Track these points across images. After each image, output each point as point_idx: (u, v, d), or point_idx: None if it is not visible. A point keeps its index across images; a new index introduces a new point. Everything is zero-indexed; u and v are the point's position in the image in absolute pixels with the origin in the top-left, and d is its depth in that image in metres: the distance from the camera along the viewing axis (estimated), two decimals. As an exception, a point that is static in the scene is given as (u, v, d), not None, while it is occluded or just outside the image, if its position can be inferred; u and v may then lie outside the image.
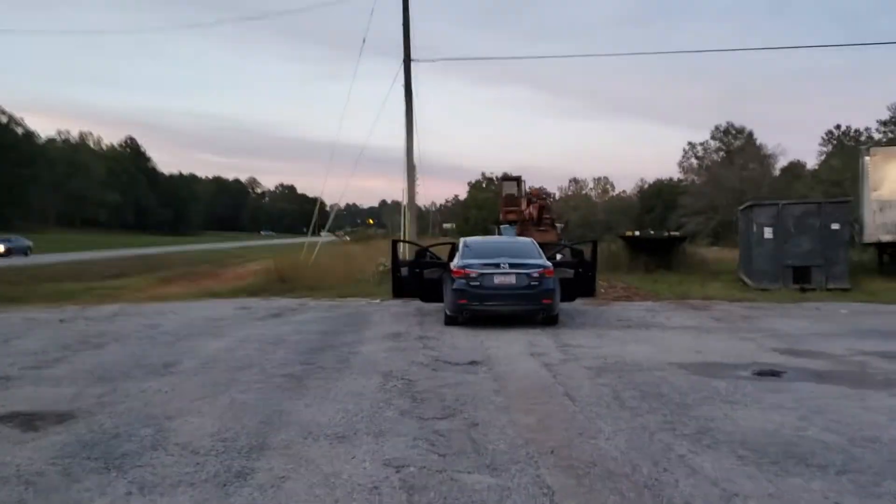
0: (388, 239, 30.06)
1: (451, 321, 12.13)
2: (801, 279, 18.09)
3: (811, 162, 75.07)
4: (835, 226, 18.20)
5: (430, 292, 13.18)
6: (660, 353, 9.21)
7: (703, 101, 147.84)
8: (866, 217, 20.54)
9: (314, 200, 48.88)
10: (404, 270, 13.43)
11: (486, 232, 64.55)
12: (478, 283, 11.65)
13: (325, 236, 27.15)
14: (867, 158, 21.10)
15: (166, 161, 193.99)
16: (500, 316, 12.10)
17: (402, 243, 20.18)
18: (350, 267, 22.00)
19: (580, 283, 13.02)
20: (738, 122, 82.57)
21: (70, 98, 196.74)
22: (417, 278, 13.17)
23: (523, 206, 32.68)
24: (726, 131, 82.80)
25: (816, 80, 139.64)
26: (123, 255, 50.45)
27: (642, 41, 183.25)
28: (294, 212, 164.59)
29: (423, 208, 72.30)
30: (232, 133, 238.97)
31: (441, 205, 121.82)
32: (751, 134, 79.30)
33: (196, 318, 13.91)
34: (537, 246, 13.06)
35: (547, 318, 12.00)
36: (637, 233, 24.70)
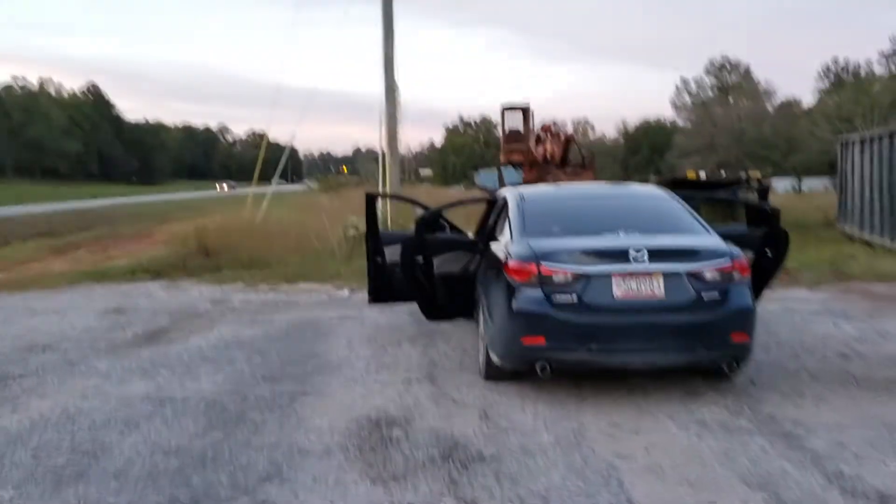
0: (361, 188, 23.38)
1: (496, 374, 5.42)
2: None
3: (806, 99, 68.55)
4: None
5: (446, 302, 6.35)
6: None
7: (684, 40, 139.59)
8: None
9: (286, 148, 42.85)
10: (391, 253, 6.54)
11: (466, 178, 55.14)
12: (573, 298, 4.88)
13: (276, 185, 20.59)
14: None
15: (132, 109, 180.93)
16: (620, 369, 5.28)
17: (383, 198, 13.15)
18: (309, 229, 15.34)
19: (760, 273, 5.81)
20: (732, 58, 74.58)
21: (27, 43, 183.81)
22: (420, 273, 6.10)
23: (532, 143, 26.14)
24: (721, 66, 75.20)
25: (804, 15, 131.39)
26: (64, 209, 44.74)
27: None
28: (266, 160, 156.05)
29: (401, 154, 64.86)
30: (202, 80, 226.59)
31: (417, 151, 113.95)
32: (748, 69, 71.93)
33: (5, 341, 7.56)
34: (683, 203, 5.96)
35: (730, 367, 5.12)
36: (702, 175, 18.21)
